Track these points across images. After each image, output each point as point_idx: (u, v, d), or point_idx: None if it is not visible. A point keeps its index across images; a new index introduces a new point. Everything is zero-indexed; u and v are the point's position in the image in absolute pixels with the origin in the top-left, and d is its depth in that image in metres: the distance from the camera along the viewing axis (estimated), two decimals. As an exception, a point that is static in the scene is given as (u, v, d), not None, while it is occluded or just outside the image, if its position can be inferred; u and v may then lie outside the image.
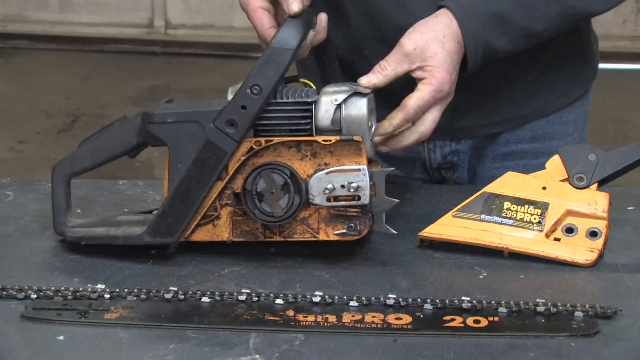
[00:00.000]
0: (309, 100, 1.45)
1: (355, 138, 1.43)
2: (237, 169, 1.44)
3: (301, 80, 1.51)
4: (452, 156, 1.78)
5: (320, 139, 1.43)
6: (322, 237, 1.45)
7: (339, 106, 1.44)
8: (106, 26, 6.38)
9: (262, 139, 1.44)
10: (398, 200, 1.45)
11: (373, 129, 1.49)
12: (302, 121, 1.45)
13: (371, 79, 1.48)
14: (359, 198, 1.43)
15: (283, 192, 1.43)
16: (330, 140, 1.43)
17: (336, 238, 1.45)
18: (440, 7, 1.54)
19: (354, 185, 1.42)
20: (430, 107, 1.50)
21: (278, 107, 1.45)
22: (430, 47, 1.49)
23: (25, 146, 4.99)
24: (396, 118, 1.48)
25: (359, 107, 1.45)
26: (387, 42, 1.64)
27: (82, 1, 6.41)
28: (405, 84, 1.53)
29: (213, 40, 6.32)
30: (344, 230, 1.44)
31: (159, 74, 5.95)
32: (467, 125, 1.74)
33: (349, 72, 1.62)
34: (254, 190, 1.43)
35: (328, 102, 1.44)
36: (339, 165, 1.43)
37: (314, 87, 1.48)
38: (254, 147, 1.44)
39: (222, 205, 1.46)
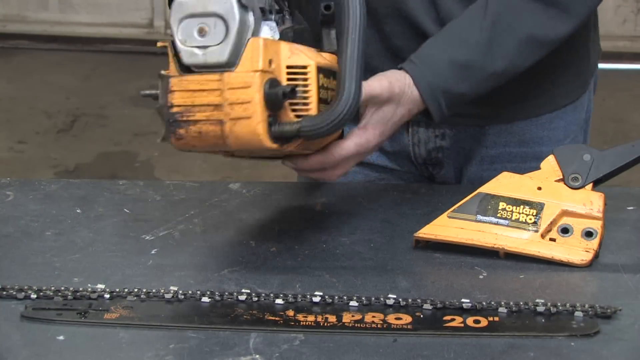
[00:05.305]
0: None
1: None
2: None
3: None
4: (436, 152, 1.78)
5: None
6: None
7: None
8: (106, 26, 6.38)
9: None
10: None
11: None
12: None
13: None
14: None
15: None
16: None
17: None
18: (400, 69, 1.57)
19: None
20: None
21: None
22: (390, 104, 1.52)
23: (25, 146, 4.99)
24: (313, 160, 1.48)
25: None
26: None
27: (82, 1, 6.41)
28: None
29: (213, 40, 6.31)
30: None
31: (159, 74, 5.96)
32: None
33: None
34: None
35: None
36: None
37: None
38: None
39: None
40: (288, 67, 1.38)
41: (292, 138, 1.38)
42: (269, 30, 1.40)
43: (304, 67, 1.39)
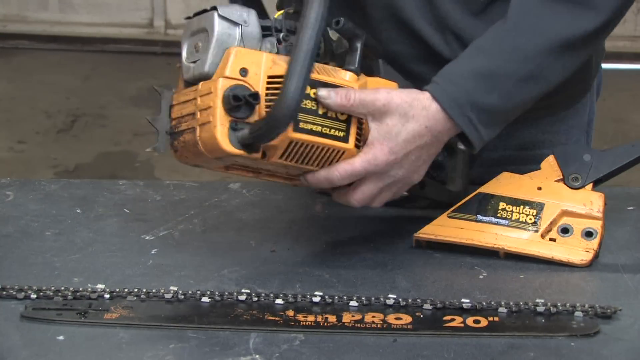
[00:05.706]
0: None
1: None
2: None
3: None
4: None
5: None
6: None
7: None
8: (106, 26, 6.38)
9: None
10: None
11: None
12: None
13: (331, 95, 1.41)
14: None
15: None
16: None
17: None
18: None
19: None
20: (362, 178, 1.43)
21: None
22: (393, 115, 1.43)
23: (25, 146, 4.99)
24: (319, 175, 1.42)
25: None
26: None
27: (82, 1, 6.41)
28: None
29: (213, 40, 6.31)
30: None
31: (159, 74, 5.95)
32: None
33: None
34: None
35: None
36: None
37: None
38: None
39: None
40: (269, 77, 1.37)
41: (250, 144, 1.37)
42: (268, 46, 1.42)
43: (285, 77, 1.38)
